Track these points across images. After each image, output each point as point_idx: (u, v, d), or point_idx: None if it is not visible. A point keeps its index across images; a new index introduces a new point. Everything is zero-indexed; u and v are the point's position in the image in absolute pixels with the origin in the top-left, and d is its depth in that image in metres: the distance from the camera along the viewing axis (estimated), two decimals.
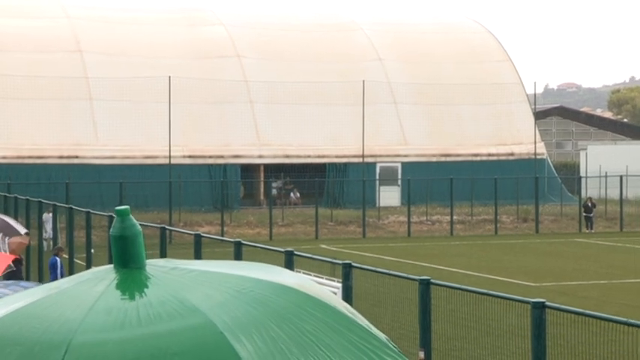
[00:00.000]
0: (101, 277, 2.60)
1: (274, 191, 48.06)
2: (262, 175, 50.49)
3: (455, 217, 43.49)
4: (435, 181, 45.33)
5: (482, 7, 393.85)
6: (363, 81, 50.80)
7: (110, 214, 19.63)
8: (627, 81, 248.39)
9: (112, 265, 2.63)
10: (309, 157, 50.81)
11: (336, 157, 51.26)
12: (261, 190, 50.42)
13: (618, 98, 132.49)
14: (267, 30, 54.30)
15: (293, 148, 50.66)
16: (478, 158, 53.14)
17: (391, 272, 13.56)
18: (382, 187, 49.96)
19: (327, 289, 3.04)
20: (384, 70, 54.37)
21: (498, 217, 44.01)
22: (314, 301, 2.62)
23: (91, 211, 22.31)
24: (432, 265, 29.08)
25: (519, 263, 31.27)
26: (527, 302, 10.00)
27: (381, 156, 51.95)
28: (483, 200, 44.78)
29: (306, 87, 52.11)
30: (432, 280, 11.40)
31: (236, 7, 58.91)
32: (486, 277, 26.51)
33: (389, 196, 49.23)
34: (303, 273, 13.01)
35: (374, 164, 51.55)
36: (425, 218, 44.62)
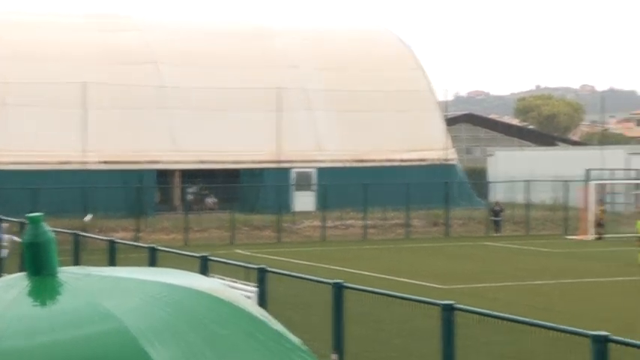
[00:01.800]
0: (12, 284, 2.56)
1: (190, 197, 47.71)
2: (178, 180, 50.09)
3: (368, 222, 43.81)
4: (350, 187, 45.59)
5: (395, 16, 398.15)
6: (279, 88, 50.78)
7: (21, 220, 19.25)
8: (533, 89, 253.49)
9: (23, 273, 2.59)
10: (225, 162, 50.58)
11: (252, 162, 51.16)
12: (177, 195, 50.01)
13: (524, 106, 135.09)
14: (184, 36, 53.93)
15: (209, 154, 50.36)
16: (391, 164, 53.63)
17: (305, 276, 13.59)
18: (297, 193, 50.07)
19: (242, 294, 3.06)
20: (299, 77, 54.49)
21: (410, 221, 44.49)
22: (228, 306, 2.63)
23: (2, 217, 21.83)
24: (346, 269, 29.22)
25: (430, 266, 31.64)
26: (437, 304, 10.14)
27: (296, 161, 52.04)
28: (396, 205, 45.22)
29: (222, 93, 51.90)
30: (345, 284, 11.46)
31: (153, 13, 58.40)
32: (398, 280, 26.76)
33: (304, 201, 49.35)
34: (218, 278, 12.95)
35: (289, 170, 51.62)
36: (339, 223, 44.83)
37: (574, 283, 27.10)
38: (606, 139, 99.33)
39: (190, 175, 50.04)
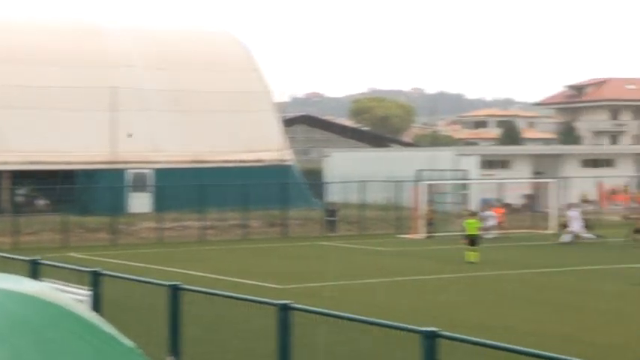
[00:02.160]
0: None
1: (19, 198, 46.14)
2: (6, 182, 48.37)
3: (206, 223, 43.60)
4: (187, 187, 45.22)
5: (233, 17, 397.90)
6: (113, 87, 49.79)
7: None
8: (366, 91, 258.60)
9: None
10: (57, 163, 49.20)
11: (86, 163, 49.98)
12: (5, 197, 48.28)
13: (359, 107, 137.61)
14: (11, 33, 52.13)
15: (40, 154, 48.87)
16: (229, 164, 53.56)
17: (141, 279, 13.40)
18: (133, 194, 49.28)
19: (73, 297, 2.99)
20: (134, 77, 53.63)
21: (248, 222, 44.56)
22: (56, 309, 2.57)
23: None
24: (183, 271, 28.98)
25: (267, 267, 31.77)
26: (273, 304, 10.19)
27: (131, 162, 51.19)
28: (233, 206, 45.19)
29: (53, 92, 50.48)
30: (181, 286, 11.37)
31: None
32: (235, 281, 26.75)
33: (140, 202, 48.63)
34: (50, 282, 12.60)
35: (124, 170, 50.73)
36: (176, 224, 44.40)
37: (406, 281, 27.81)
38: (436, 140, 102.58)
39: (20, 176, 48.43)
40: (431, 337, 8.75)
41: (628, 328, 19.48)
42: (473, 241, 32.43)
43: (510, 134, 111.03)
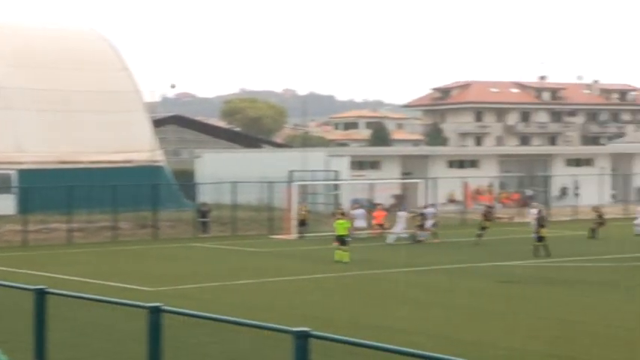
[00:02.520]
0: None
1: None
2: None
3: (73, 225, 42.61)
4: (53, 189, 44.07)
5: (99, 14, 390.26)
6: None
7: None
8: (238, 92, 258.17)
9: None
10: None
11: None
12: None
13: (230, 108, 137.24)
14: None
15: None
16: (97, 165, 52.51)
17: (4, 283, 12.98)
18: None
19: None
20: None
21: (117, 224, 43.78)
22: None
23: None
24: (49, 274, 28.25)
25: (138, 269, 31.31)
26: (144, 307, 10.03)
27: None
28: (102, 207, 44.33)
29: None
30: (47, 289, 11.06)
31: None
32: (105, 284, 26.25)
33: (3, 204, 47.13)
34: None
35: None
36: (42, 227, 43.23)
37: (278, 282, 27.87)
38: (308, 141, 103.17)
39: None
40: (303, 338, 8.76)
41: (494, 325, 20.03)
42: (343, 241, 32.72)
43: (380, 135, 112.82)
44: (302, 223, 43.52)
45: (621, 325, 19.75)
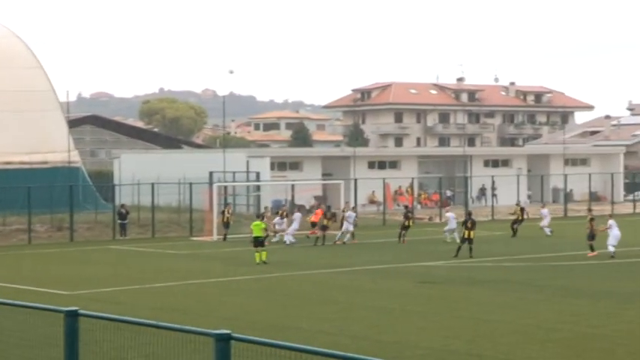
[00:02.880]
0: None
1: None
2: None
3: None
4: None
5: (11, 12, 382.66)
6: None
7: None
8: (157, 92, 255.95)
9: None
10: None
11: None
12: None
13: (149, 108, 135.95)
14: None
15: None
16: (11, 167, 51.46)
17: None
18: None
19: None
20: None
21: (32, 226, 42.95)
22: None
23: None
24: None
25: (54, 272, 30.79)
26: (60, 311, 9.87)
27: None
28: (16, 209, 43.45)
29: None
30: None
31: None
32: (20, 288, 25.74)
33: None
34: None
35: None
36: None
37: (199, 284, 27.70)
38: (228, 142, 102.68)
39: None
40: (224, 340, 8.74)
41: (415, 325, 20.23)
42: (260, 242, 32.83)
43: (301, 136, 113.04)
44: (225, 224, 43.16)
45: (539, 324, 20.14)
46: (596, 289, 25.62)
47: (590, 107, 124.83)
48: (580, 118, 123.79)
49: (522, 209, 44.73)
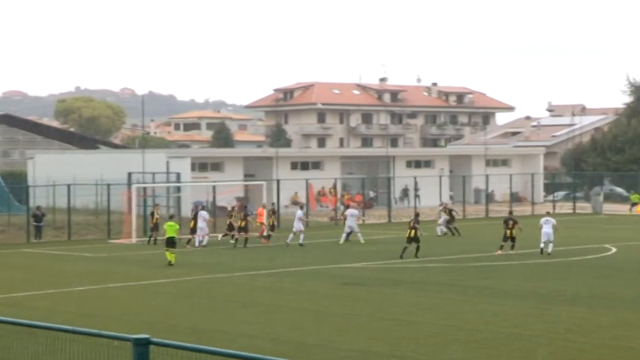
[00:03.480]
0: None
1: None
2: None
3: None
4: None
5: None
6: None
7: None
8: (73, 90, 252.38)
9: None
10: None
11: None
12: None
13: (65, 108, 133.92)
14: None
15: None
16: None
17: None
18: None
19: None
20: None
21: None
22: None
23: None
24: None
25: None
26: None
27: None
28: None
29: None
30: None
31: None
32: None
33: None
34: None
35: None
36: None
37: (117, 288, 27.38)
38: (147, 142, 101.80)
39: None
40: (143, 345, 8.65)
41: (337, 327, 20.30)
42: (172, 242, 33.11)
43: (222, 136, 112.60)
44: (154, 226, 41.88)
45: (462, 325, 20.39)
46: (519, 290, 26.05)
47: (510, 108, 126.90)
48: (501, 119, 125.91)
49: (450, 210, 45.36)
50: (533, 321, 20.87)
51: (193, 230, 40.44)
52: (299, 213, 41.31)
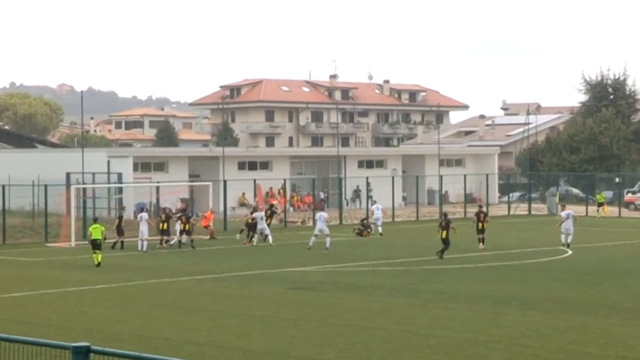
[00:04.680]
0: None
1: None
2: None
3: None
4: None
5: None
6: None
7: None
8: (7, 86, 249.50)
9: None
10: None
11: None
12: None
13: None
14: None
15: None
16: None
17: None
18: None
19: None
20: None
21: None
22: None
23: None
24: None
25: None
26: None
27: None
28: None
29: None
30: None
31: None
32: None
33: None
34: None
35: None
36: None
37: (56, 293, 27.11)
38: (87, 141, 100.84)
39: None
40: (83, 353, 8.59)
41: (286, 334, 20.29)
42: (97, 244, 33.74)
43: (166, 135, 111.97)
44: (118, 229, 41.09)
45: (415, 330, 20.50)
46: (473, 294, 26.25)
47: (464, 106, 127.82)
48: (455, 117, 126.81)
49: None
50: (488, 326, 21.05)
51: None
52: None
